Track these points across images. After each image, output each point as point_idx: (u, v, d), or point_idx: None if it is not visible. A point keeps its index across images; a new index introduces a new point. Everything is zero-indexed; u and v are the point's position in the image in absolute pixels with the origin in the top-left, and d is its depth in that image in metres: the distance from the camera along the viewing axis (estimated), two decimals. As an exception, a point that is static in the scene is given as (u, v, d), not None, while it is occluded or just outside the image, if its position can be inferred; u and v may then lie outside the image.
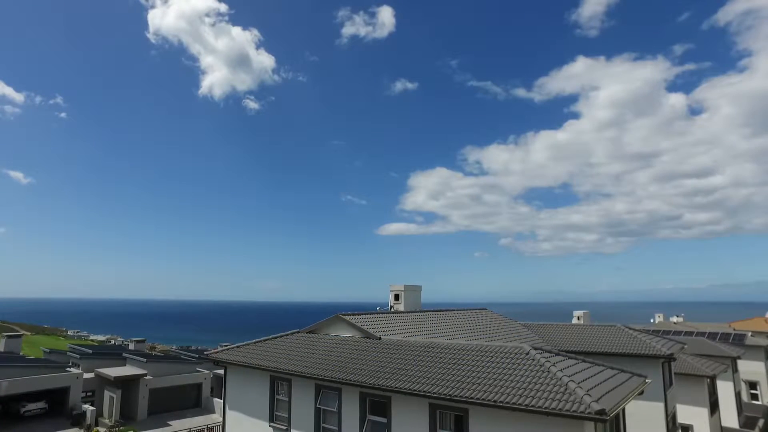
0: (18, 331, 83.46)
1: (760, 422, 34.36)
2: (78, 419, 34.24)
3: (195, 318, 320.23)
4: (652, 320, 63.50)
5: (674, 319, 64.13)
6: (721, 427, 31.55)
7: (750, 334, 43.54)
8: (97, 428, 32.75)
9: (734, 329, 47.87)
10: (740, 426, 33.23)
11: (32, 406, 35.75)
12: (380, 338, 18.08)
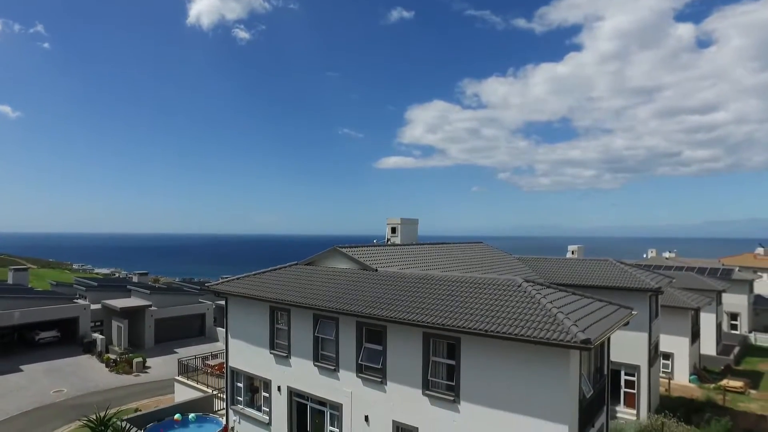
0: (23, 265, 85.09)
1: (736, 350, 36.53)
2: (89, 346, 35.92)
3: (194, 251, 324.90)
4: (644, 255, 64.91)
5: (666, 254, 65.49)
6: (700, 354, 33.39)
7: (737, 269, 44.76)
8: (108, 355, 34.41)
9: (723, 264, 49.09)
10: (717, 354, 35.26)
11: (45, 335, 37.38)
12: (377, 270, 18.52)
